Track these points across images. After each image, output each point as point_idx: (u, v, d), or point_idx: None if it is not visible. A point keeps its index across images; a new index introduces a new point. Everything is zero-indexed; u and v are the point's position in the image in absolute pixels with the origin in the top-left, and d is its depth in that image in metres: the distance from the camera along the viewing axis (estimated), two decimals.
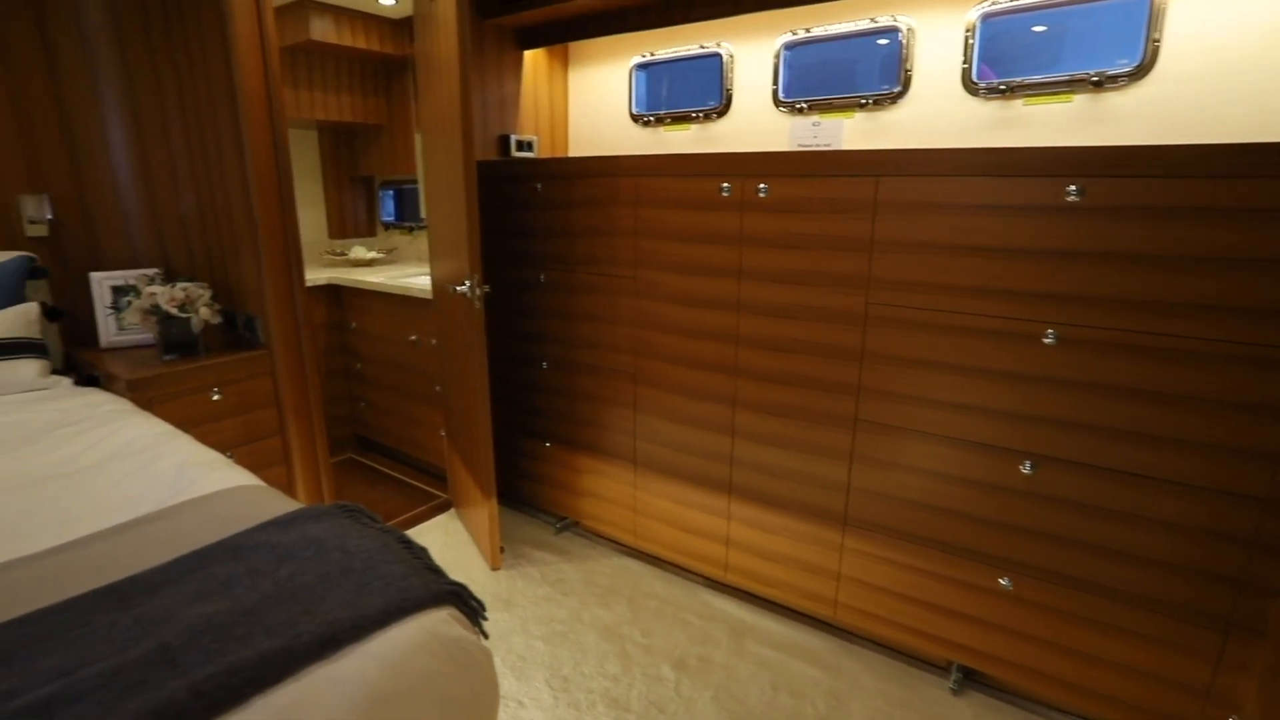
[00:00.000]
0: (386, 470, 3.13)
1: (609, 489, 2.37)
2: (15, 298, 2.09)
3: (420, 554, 1.04)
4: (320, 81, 3.13)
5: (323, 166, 3.59)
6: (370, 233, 3.69)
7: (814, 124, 2.22)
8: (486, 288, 2.04)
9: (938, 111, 2.02)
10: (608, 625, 2.04)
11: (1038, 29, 1.88)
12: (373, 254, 3.41)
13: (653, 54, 2.62)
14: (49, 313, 2.19)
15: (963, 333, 1.58)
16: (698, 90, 2.56)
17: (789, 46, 2.28)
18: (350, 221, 3.63)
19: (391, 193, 3.60)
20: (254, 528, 1.08)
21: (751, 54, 2.36)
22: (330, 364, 3.19)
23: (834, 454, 1.83)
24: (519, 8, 2.47)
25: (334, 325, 3.17)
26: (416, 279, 2.91)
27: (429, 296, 2.62)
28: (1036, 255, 1.46)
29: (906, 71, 2.05)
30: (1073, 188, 1.40)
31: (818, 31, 2.21)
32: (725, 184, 1.88)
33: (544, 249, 2.32)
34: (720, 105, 2.48)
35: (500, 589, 2.20)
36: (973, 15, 1.91)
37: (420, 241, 3.50)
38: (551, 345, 2.38)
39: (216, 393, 2.13)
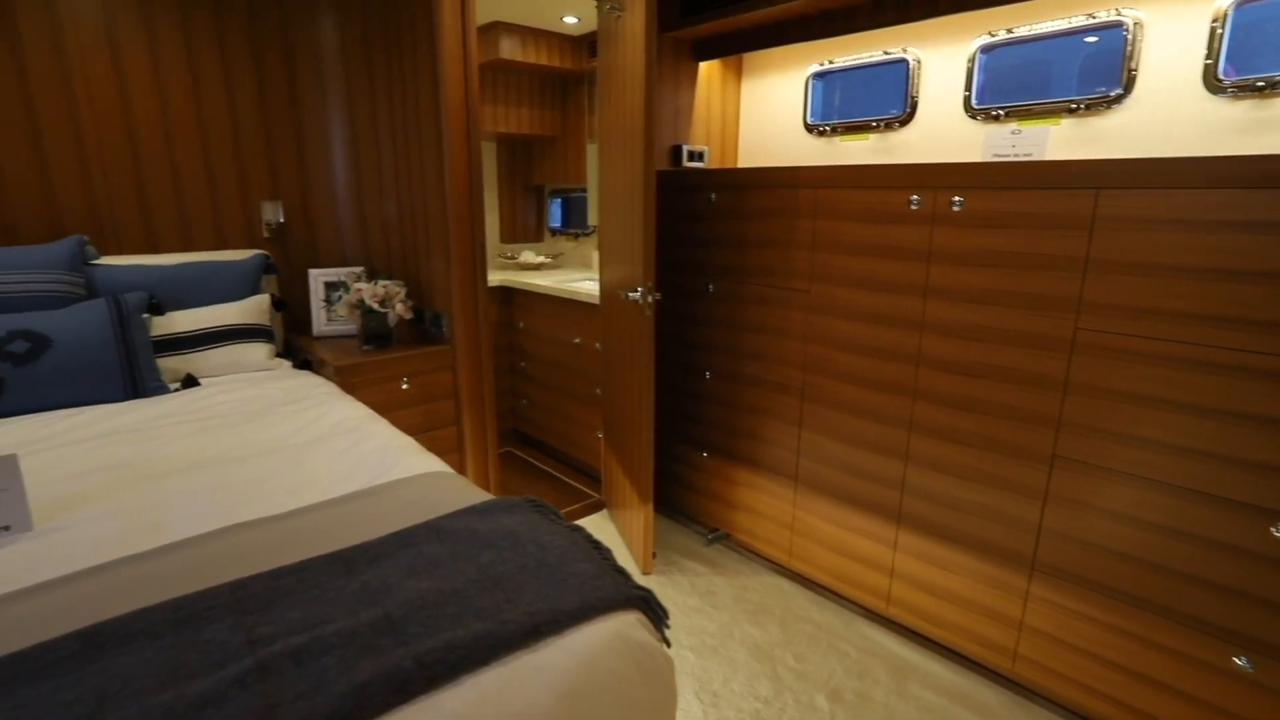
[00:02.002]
0: (543, 466, 3.27)
1: (766, 505, 2.31)
2: (253, 290, 2.41)
3: (607, 554, 1.06)
4: (504, 96, 3.35)
5: (498, 175, 3.84)
6: (538, 238, 3.89)
7: (1013, 132, 2.04)
8: (658, 295, 2.07)
9: (1169, 114, 1.79)
10: (759, 644, 1.99)
11: None
12: (541, 258, 3.59)
13: (831, 62, 2.55)
14: (276, 304, 2.51)
15: (1202, 367, 1.37)
16: (878, 98, 2.45)
17: (985, 49, 2.12)
18: (520, 227, 3.85)
19: (559, 200, 3.77)
20: (454, 513, 1.15)
21: (941, 59, 2.22)
22: (497, 361, 3.39)
23: (1024, 490, 1.66)
24: (698, 20, 2.49)
25: (503, 324, 3.37)
26: (582, 284, 3.02)
27: (594, 301, 2.71)
28: None
29: (1130, 71, 1.84)
30: None
31: (1021, 31, 2.04)
32: (915, 196, 1.77)
33: (714, 258, 2.32)
34: (903, 113, 2.36)
35: None
36: (1223, 2, 1.67)
37: (584, 247, 3.64)
38: (716, 355, 2.38)
39: (405, 382, 2.33)
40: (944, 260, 1.74)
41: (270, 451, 1.56)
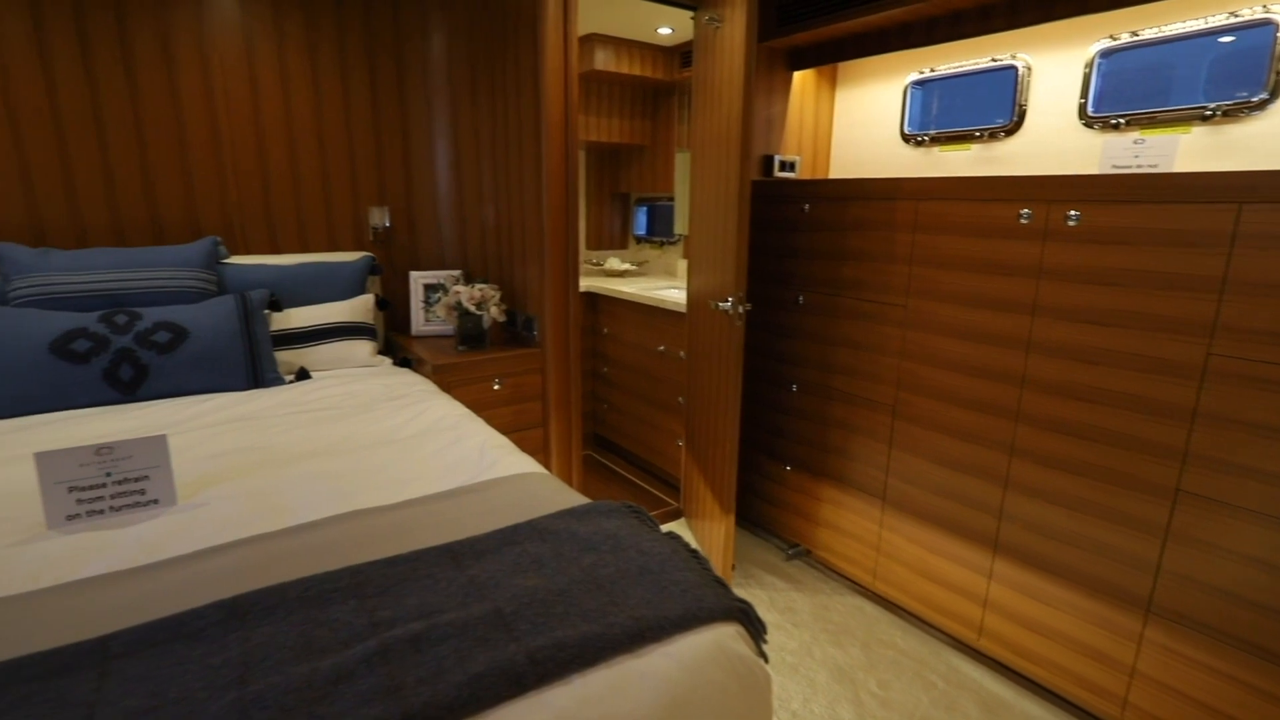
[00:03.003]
0: (620, 471, 3.31)
1: (850, 523, 2.26)
2: (359, 290, 2.55)
3: (706, 565, 1.07)
4: (595, 106, 3.42)
5: (586, 182, 3.92)
6: (623, 245, 3.95)
7: (1135, 141, 1.93)
8: (748, 306, 2.07)
9: None
10: (840, 666, 1.95)
11: None
12: (625, 265, 3.64)
13: (932, 69, 2.48)
14: (379, 303, 2.65)
15: None
16: (982, 107, 2.36)
17: (1105, 54, 2.02)
18: (606, 234, 3.91)
19: (645, 209, 3.81)
20: (555, 514, 1.19)
21: (1054, 65, 2.12)
22: (581, 365, 3.46)
23: (1141, 526, 1.56)
24: (795, 29, 2.47)
25: (587, 329, 3.43)
26: (667, 292, 3.04)
27: (680, 310, 2.73)
28: None
29: (1278, 74, 1.70)
30: None
31: (1148, 34, 1.92)
32: (1025, 210, 1.70)
33: (806, 270, 2.29)
34: (1009, 123, 2.27)
35: None
36: None
37: (669, 255, 3.67)
38: (804, 368, 2.34)
39: (497, 383, 2.41)
40: (1056, 277, 1.66)
41: (378, 444, 1.65)
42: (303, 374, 2.26)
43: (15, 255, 2.07)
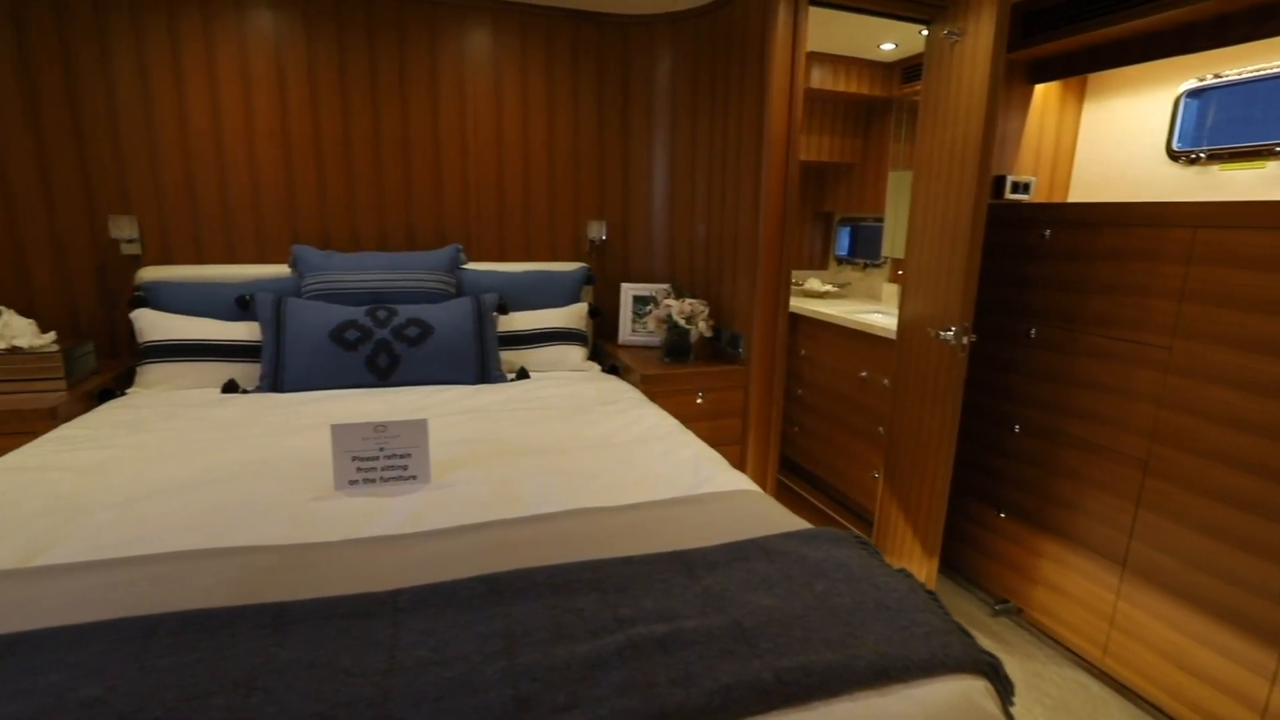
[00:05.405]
0: (807, 496, 3.22)
1: (1076, 585, 2.01)
2: (575, 298, 2.74)
3: (945, 609, 1.01)
4: (805, 124, 3.39)
5: None
6: (823, 266, 3.86)
7: None
8: (973, 337, 1.93)
9: None
10: None
11: None
12: (826, 287, 3.56)
13: (1216, 75, 2.15)
14: (591, 311, 2.81)
15: None
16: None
17: None
18: (805, 253, 3.85)
19: (848, 229, 3.70)
20: (780, 535, 1.18)
21: None
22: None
23: None
24: (1043, 40, 2.27)
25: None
26: (872, 316, 2.93)
27: (886, 335, 2.60)
28: None
29: None
30: None
31: None
32: None
33: (1041, 302, 2.09)
34: None
35: None
36: None
37: (871, 278, 3.52)
38: (1030, 408, 2.13)
39: (700, 396, 2.46)
40: None
41: (597, 446, 1.75)
42: (523, 373, 2.46)
43: (309, 256, 2.48)
